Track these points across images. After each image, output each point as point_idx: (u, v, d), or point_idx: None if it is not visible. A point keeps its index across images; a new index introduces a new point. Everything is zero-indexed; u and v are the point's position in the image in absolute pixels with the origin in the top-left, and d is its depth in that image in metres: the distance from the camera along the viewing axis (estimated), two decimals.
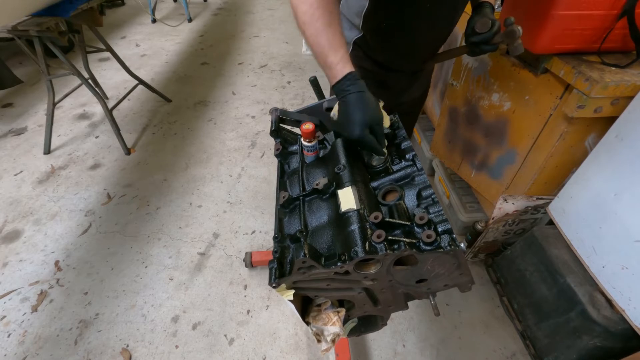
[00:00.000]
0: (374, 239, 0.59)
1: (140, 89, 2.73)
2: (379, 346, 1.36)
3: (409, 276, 0.66)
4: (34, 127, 2.50)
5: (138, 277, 1.59)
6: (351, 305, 0.79)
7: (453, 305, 1.48)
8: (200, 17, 4.64)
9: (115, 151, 2.29)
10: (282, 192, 0.78)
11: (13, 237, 1.74)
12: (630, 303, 0.96)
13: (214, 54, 3.63)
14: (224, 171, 2.18)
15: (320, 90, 1.01)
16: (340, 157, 0.77)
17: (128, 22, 4.39)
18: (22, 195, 1.97)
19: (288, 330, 1.41)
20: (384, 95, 1.18)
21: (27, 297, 1.50)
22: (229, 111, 2.74)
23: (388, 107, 0.99)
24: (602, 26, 0.95)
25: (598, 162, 1.03)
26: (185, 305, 1.49)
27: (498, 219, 1.35)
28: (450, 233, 0.60)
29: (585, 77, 0.93)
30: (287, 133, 0.95)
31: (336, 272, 0.62)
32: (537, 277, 1.27)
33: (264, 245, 1.74)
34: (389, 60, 1.05)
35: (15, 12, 1.67)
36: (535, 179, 1.20)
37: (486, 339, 1.38)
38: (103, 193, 1.99)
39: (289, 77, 3.20)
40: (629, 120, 0.93)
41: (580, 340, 1.11)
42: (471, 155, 1.50)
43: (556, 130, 1.08)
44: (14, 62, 3.27)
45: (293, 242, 0.69)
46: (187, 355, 1.33)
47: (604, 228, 1.02)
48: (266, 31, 4.18)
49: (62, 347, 1.34)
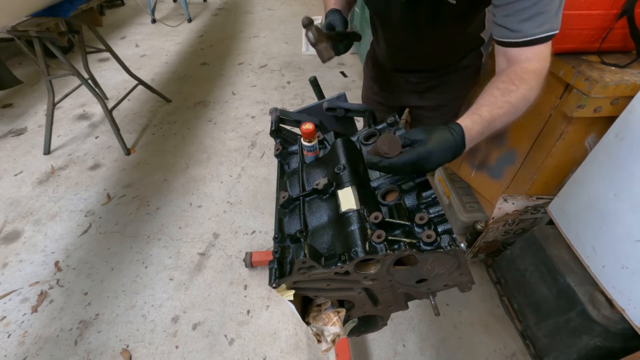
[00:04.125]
0: (374, 239, 0.59)
1: (140, 89, 2.73)
2: (379, 346, 1.36)
3: (409, 276, 0.66)
4: (33, 127, 2.50)
5: (138, 278, 1.59)
6: (351, 305, 0.79)
7: (453, 305, 1.48)
8: (200, 17, 4.64)
9: (115, 151, 2.29)
10: (282, 192, 0.78)
11: (13, 238, 1.74)
12: (630, 303, 0.96)
13: (213, 54, 3.63)
14: (224, 171, 2.18)
15: (320, 90, 1.01)
16: (340, 157, 0.77)
17: (128, 23, 4.39)
18: (22, 196, 1.97)
19: (288, 330, 1.41)
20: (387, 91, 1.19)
21: (27, 297, 1.50)
22: (229, 111, 2.74)
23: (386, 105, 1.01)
24: (602, 26, 0.95)
25: (598, 162, 1.03)
26: (185, 305, 1.49)
27: (498, 219, 1.35)
28: (450, 233, 0.60)
29: (585, 77, 0.93)
30: (287, 133, 0.95)
31: (336, 272, 0.62)
32: (537, 277, 1.27)
33: (264, 245, 1.74)
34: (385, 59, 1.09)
35: (15, 13, 1.66)
36: (535, 178, 1.20)
37: (486, 339, 1.38)
38: (103, 193, 1.99)
39: (289, 77, 3.20)
40: (628, 120, 0.93)
41: (580, 340, 1.11)
42: (471, 155, 1.50)
43: (556, 130, 1.08)
44: (14, 63, 3.27)
45: (293, 242, 0.69)
46: (187, 355, 1.33)
47: (603, 228, 1.02)
48: (266, 31, 4.18)
49: (62, 347, 1.34)
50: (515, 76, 0.67)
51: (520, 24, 0.67)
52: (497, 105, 0.65)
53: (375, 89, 1.22)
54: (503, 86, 0.67)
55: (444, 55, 1.04)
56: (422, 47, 0.97)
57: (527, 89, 0.66)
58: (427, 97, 1.15)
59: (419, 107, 1.20)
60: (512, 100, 0.65)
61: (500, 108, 0.65)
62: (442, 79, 1.10)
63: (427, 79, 1.10)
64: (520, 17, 0.66)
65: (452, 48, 1.02)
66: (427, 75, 1.09)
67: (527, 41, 0.67)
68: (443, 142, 0.60)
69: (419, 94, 1.15)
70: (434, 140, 0.60)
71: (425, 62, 1.06)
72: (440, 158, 0.60)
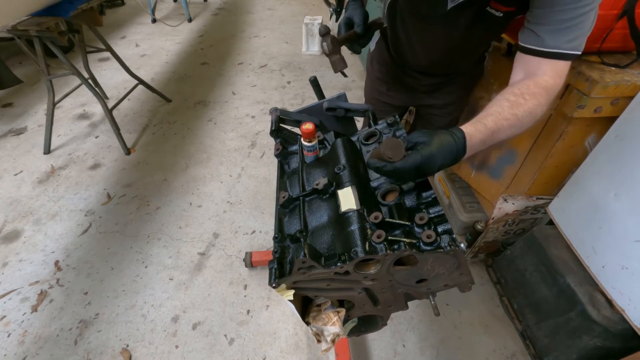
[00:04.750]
0: (374, 239, 0.59)
1: (140, 89, 2.73)
2: (379, 346, 1.36)
3: (409, 276, 0.66)
4: (34, 127, 2.50)
5: (138, 277, 1.59)
6: (351, 305, 0.79)
7: (453, 305, 1.48)
8: (200, 17, 4.64)
9: (115, 151, 2.29)
10: (282, 192, 0.78)
11: (13, 237, 1.74)
12: (630, 303, 0.96)
13: (214, 54, 3.63)
14: (224, 171, 2.18)
15: (320, 90, 1.01)
16: (340, 157, 0.77)
17: (128, 22, 4.39)
18: (22, 195, 1.97)
19: (288, 330, 1.41)
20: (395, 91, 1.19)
21: (27, 297, 1.50)
22: (229, 111, 2.74)
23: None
24: (602, 26, 0.95)
25: (598, 162, 1.03)
26: (185, 305, 1.49)
27: (498, 219, 1.35)
28: (450, 233, 0.60)
29: (585, 77, 0.93)
30: (287, 133, 0.95)
31: (336, 272, 0.62)
32: (537, 277, 1.27)
33: (264, 245, 1.74)
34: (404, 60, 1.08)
35: (15, 12, 1.67)
36: (535, 179, 1.20)
37: (486, 339, 1.38)
38: (103, 193, 1.99)
39: (289, 77, 3.20)
40: (629, 120, 0.93)
41: (580, 340, 1.11)
42: (471, 155, 1.50)
43: (556, 130, 1.08)
44: (14, 62, 3.27)
45: (293, 242, 0.69)
46: (187, 355, 1.33)
47: (604, 228, 1.02)
48: (266, 31, 4.18)
49: (62, 347, 1.34)
50: (527, 90, 0.67)
51: (551, 33, 0.66)
52: (504, 116, 0.65)
53: (382, 89, 1.21)
54: (513, 99, 0.66)
55: (466, 60, 1.05)
56: (451, 52, 0.96)
57: (536, 105, 0.66)
58: (436, 97, 1.15)
59: (428, 106, 1.20)
60: (520, 113, 0.65)
61: (507, 120, 0.65)
62: (452, 79, 1.11)
63: (438, 79, 1.10)
64: (554, 27, 0.65)
65: (475, 54, 1.03)
66: (439, 76, 1.10)
67: (551, 53, 0.67)
68: (445, 145, 0.60)
69: (428, 94, 1.15)
70: (436, 143, 0.60)
71: (447, 66, 1.05)
72: (441, 161, 0.60)
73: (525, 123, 0.67)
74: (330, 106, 0.94)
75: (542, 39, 0.67)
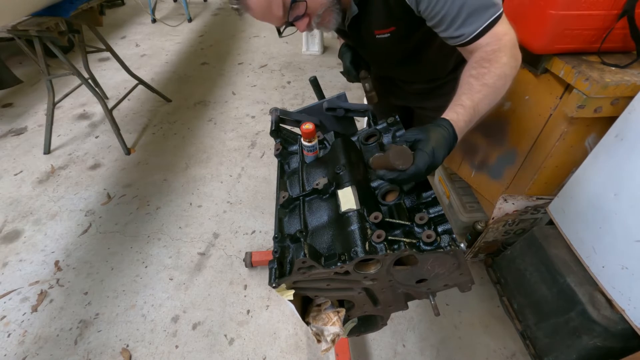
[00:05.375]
0: (374, 239, 0.59)
1: (140, 89, 2.73)
2: (379, 346, 1.36)
3: (409, 276, 0.66)
4: (34, 127, 2.50)
5: (138, 277, 1.59)
6: (351, 305, 0.79)
7: (453, 305, 1.48)
8: (200, 17, 4.64)
9: (115, 151, 2.29)
10: (282, 192, 0.78)
11: (13, 237, 1.74)
12: (630, 303, 0.96)
13: (214, 54, 3.63)
14: (224, 171, 2.18)
15: (320, 90, 1.01)
16: (340, 157, 0.77)
17: (128, 22, 4.39)
18: (22, 195, 1.97)
19: (288, 330, 1.41)
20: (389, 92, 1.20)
21: (27, 297, 1.50)
22: (229, 111, 2.74)
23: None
24: (602, 26, 0.95)
25: (598, 162, 1.03)
26: (185, 305, 1.49)
27: (498, 219, 1.35)
28: (450, 233, 0.60)
29: (585, 77, 0.93)
30: (287, 133, 0.95)
31: (336, 272, 0.62)
32: (537, 277, 1.27)
33: (264, 245, 1.74)
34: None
35: (15, 12, 1.67)
36: (535, 179, 1.20)
37: (486, 339, 1.38)
38: (103, 193, 1.99)
39: (289, 77, 3.20)
40: (628, 120, 0.93)
41: (580, 340, 1.11)
42: (471, 155, 1.50)
43: (556, 130, 1.08)
44: (14, 62, 3.27)
45: (293, 242, 0.69)
46: (187, 355, 1.33)
47: (603, 228, 1.02)
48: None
49: (62, 347, 1.34)
50: (482, 60, 0.68)
51: (458, 30, 0.69)
52: (475, 90, 0.67)
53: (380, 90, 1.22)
54: (475, 72, 0.68)
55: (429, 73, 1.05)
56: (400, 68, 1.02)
57: (500, 66, 0.67)
58: (427, 100, 1.15)
59: (421, 108, 1.20)
60: (488, 81, 0.67)
61: (479, 92, 0.67)
62: (440, 85, 1.10)
63: (422, 85, 1.11)
64: (455, 26, 0.68)
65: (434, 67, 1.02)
66: (421, 82, 1.10)
67: (474, 37, 0.69)
68: (440, 137, 0.62)
69: (419, 97, 1.16)
70: (433, 137, 0.61)
71: (413, 78, 1.08)
72: (443, 152, 0.62)
73: (500, 87, 0.68)
74: (330, 106, 0.94)
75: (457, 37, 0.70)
